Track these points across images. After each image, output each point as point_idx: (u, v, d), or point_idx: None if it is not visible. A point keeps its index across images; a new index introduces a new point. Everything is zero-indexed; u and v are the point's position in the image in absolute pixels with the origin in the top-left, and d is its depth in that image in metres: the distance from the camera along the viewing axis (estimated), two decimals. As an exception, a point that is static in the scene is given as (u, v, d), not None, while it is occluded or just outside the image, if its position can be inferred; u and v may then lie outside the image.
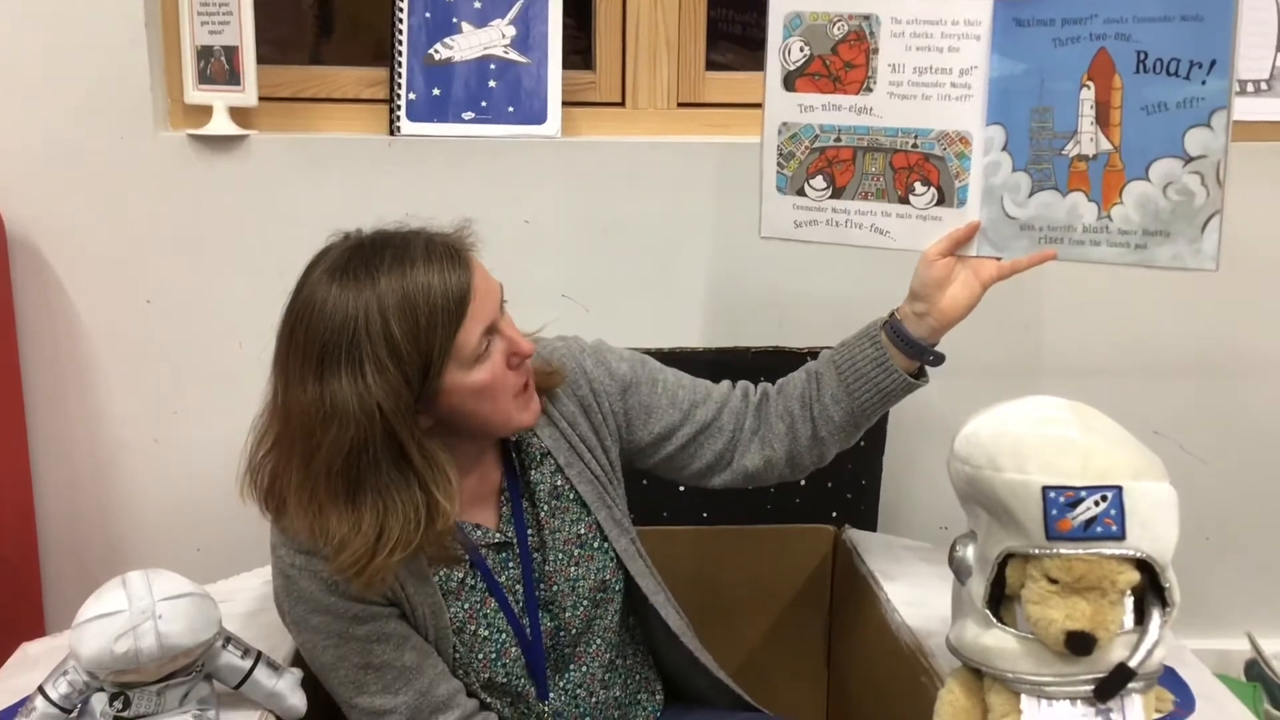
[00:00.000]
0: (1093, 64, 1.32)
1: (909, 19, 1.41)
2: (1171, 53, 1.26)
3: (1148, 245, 1.31)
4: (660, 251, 1.92)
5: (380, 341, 1.15)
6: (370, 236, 1.23)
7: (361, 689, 1.28)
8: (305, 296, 1.20)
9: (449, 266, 1.19)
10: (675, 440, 1.42)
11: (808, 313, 1.92)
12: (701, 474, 1.45)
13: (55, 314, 1.89)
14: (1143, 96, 1.29)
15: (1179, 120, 1.27)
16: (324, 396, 1.15)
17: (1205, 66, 1.25)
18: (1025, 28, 1.36)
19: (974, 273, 1.38)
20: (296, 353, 1.19)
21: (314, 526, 1.19)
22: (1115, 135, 1.32)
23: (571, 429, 1.38)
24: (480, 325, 1.20)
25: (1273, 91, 1.99)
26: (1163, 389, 2.04)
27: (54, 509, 1.97)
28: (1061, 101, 1.35)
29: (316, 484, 1.18)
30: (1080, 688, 1.11)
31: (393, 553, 1.18)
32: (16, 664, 1.43)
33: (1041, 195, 1.37)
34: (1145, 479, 1.10)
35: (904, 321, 1.37)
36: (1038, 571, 1.10)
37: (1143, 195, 1.31)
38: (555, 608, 1.36)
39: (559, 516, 1.37)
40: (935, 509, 1.98)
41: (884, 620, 1.53)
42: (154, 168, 1.84)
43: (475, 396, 1.22)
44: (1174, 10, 1.26)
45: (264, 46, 1.85)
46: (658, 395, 1.42)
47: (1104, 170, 1.33)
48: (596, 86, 1.97)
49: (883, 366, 1.38)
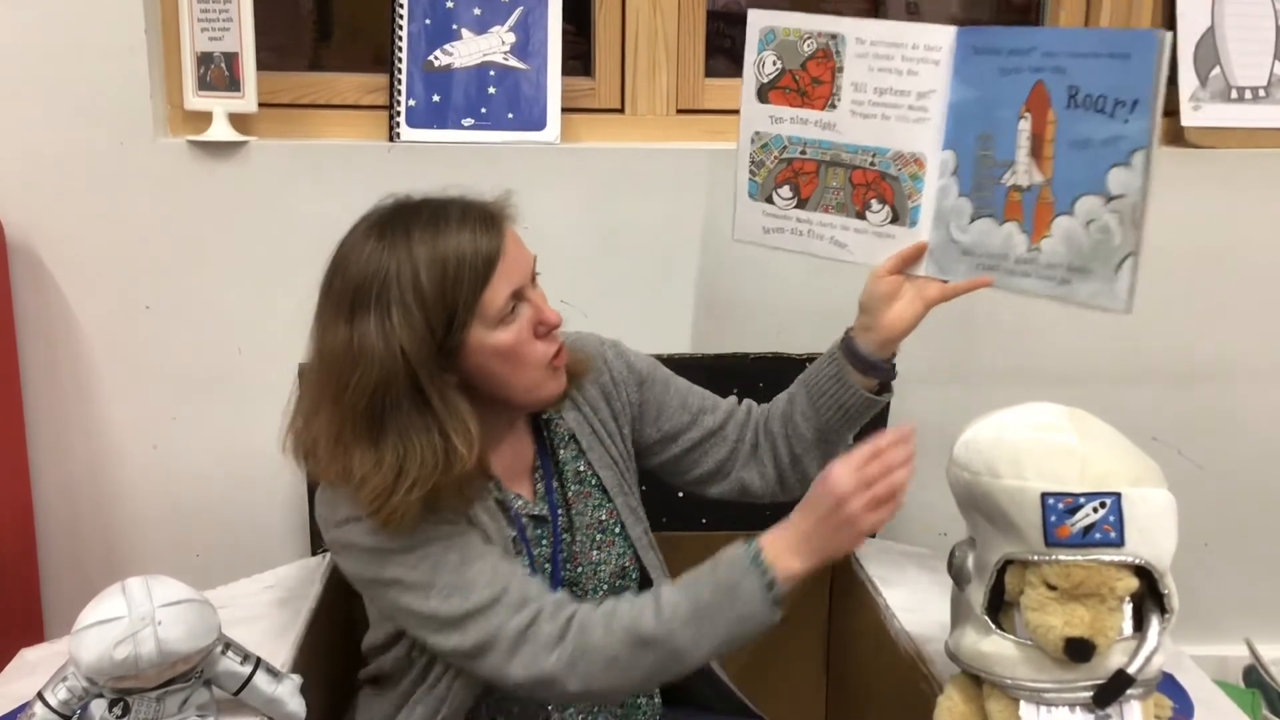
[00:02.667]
0: (1030, 96, 1.32)
1: (872, 40, 1.44)
2: (1100, 89, 1.25)
3: (1070, 281, 1.30)
4: (659, 257, 1.93)
5: (409, 288, 1.20)
6: (413, 199, 1.29)
7: (468, 590, 1.24)
8: (345, 249, 1.26)
9: (481, 229, 1.24)
10: (681, 443, 1.47)
11: (807, 319, 1.92)
12: (701, 481, 1.49)
13: (54, 320, 1.89)
14: (1073, 131, 1.28)
15: (1103, 158, 1.25)
16: (353, 337, 1.21)
17: (1129, 105, 1.22)
18: (979, 55, 1.37)
19: (919, 292, 1.40)
20: (331, 299, 1.25)
21: (342, 465, 1.23)
22: (1048, 168, 1.31)
23: (594, 414, 1.42)
24: (507, 287, 1.24)
25: (1271, 98, 1.99)
26: (1161, 396, 2.04)
27: (53, 515, 1.96)
28: (1002, 131, 1.35)
29: (344, 424, 1.22)
30: (1079, 694, 1.11)
31: (410, 491, 1.20)
32: (15, 670, 1.43)
33: (981, 222, 1.37)
34: (1144, 485, 1.10)
35: (855, 337, 1.41)
36: (1036, 578, 1.11)
37: (1068, 230, 1.29)
38: (579, 589, 1.39)
39: (583, 500, 1.41)
40: (934, 515, 1.97)
41: (883, 626, 1.53)
42: (154, 174, 1.84)
43: (499, 358, 1.25)
44: (1104, 48, 1.25)
45: (264, 53, 1.85)
46: (669, 396, 1.47)
47: (1036, 202, 1.32)
48: (596, 93, 1.98)
49: (841, 383, 1.41)
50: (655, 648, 1.21)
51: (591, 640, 1.22)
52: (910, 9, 3.20)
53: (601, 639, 1.22)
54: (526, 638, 1.22)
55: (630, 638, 1.21)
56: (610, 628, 1.22)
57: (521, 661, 1.22)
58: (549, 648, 1.22)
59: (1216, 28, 1.97)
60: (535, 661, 1.22)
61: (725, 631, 1.21)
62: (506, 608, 1.23)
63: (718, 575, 1.22)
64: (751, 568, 1.20)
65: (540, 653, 1.22)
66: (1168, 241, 1.98)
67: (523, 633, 1.22)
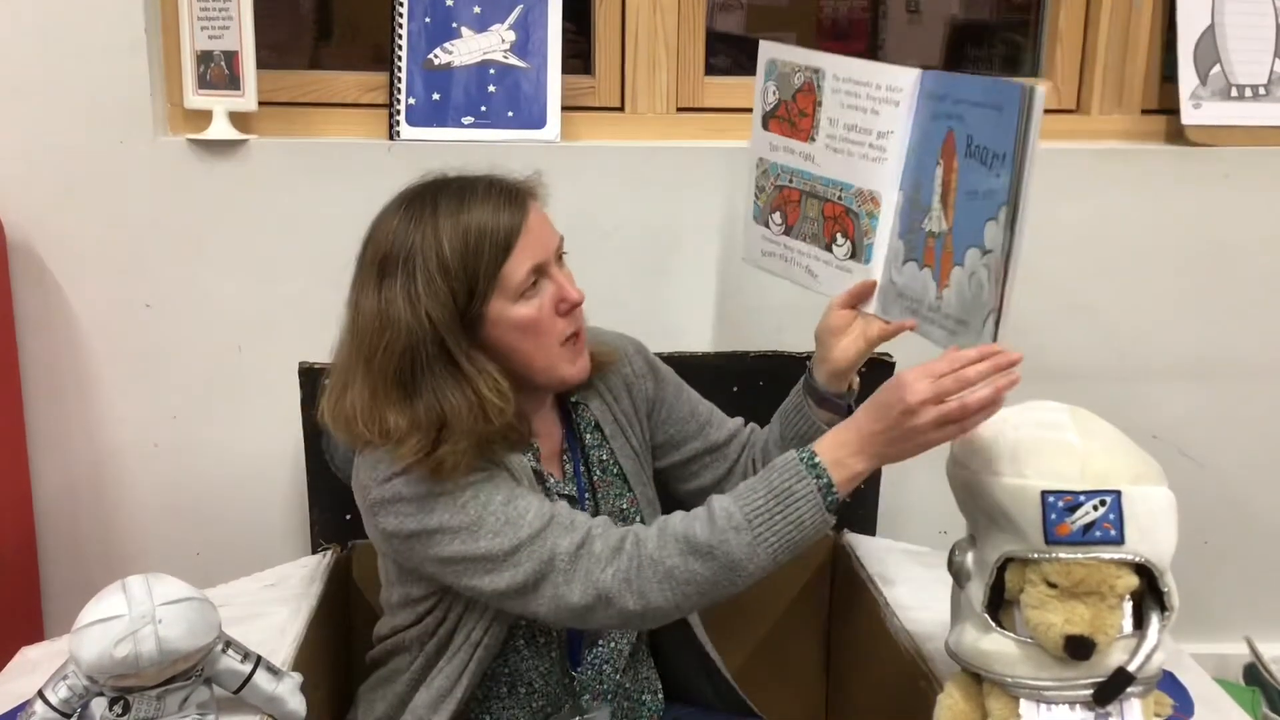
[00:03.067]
0: (944, 143, 1.32)
1: (845, 77, 1.45)
2: (983, 140, 1.23)
3: (957, 332, 1.28)
4: (660, 256, 1.93)
5: (433, 258, 1.23)
6: (443, 176, 1.33)
7: (518, 522, 1.24)
8: (377, 222, 1.30)
9: (504, 204, 1.27)
10: (683, 451, 1.50)
11: (807, 318, 1.90)
12: (697, 494, 1.49)
13: (55, 318, 1.89)
14: (967, 181, 1.27)
15: (982, 210, 1.23)
16: (381, 303, 1.25)
17: (1001, 158, 1.20)
18: (925, 100, 1.37)
19: (864, 329, 1.41)
20: (364, 269, 1.29)
21: (377, 427, 1.24)
22: (950, 216, 1.30)
23: (616, 403, 1.45)
24: (528, 261, 1.27)
25: (1271, 96, 1.99)
26: (1161, 393, 2.04)
27: (54, 513, 1.97)
28: (927, 176, 1.35)
29: (377, 387, 1.25)
30: (1079, 692, 1.11)
31: (457, 442, 1.23)
32: (16, 668, 1.43)
33: (909, 265, 1.38)
34: (1144, 484, 1.10)
35: (812, 369, 1.44)
36: (1037, 576, 1.11)
37: (958, 281, 1.28)
38: None
39: (606, 487, 1.42)
40: (934, 513, 1.97)
41: (883, 625, 1.53)
42: (154, 172, 1.84)
43: (520, 332, 1.27)
44: (986, 98, 1.24)
45: (264, 51, 1.85)
46: (681, 401, 1.50)
47: (942, 250, 1.31)
48: (596, 91, 1.98)
49: (802, 414, 1.44)
50: (710, 557, 1.19)
51: (646, 552, 1.21)
52: (910, 7, 3.20)
53: (656, 550, 1.21)
54: (581, 555, 1.22)
55: (685, 547, 1.20)
56: (664, 539, 1.21)
57: (579, 581, 1.22)
58: (605, 562, 1.22)
59: (1217, 26, 1.97)
60: (591, 578, 1.21)
61: (780, 538, 1.19)
62: (558, 529, 1.24)
63: (771, 481, 1.21)
64: (806, 471, 1.19)
65: (595, 568, 1.22)
66: (1168, 240, 1.99)
67: (577, 552, 1.22)
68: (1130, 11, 1.99)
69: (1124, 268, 2.01)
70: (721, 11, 3.01)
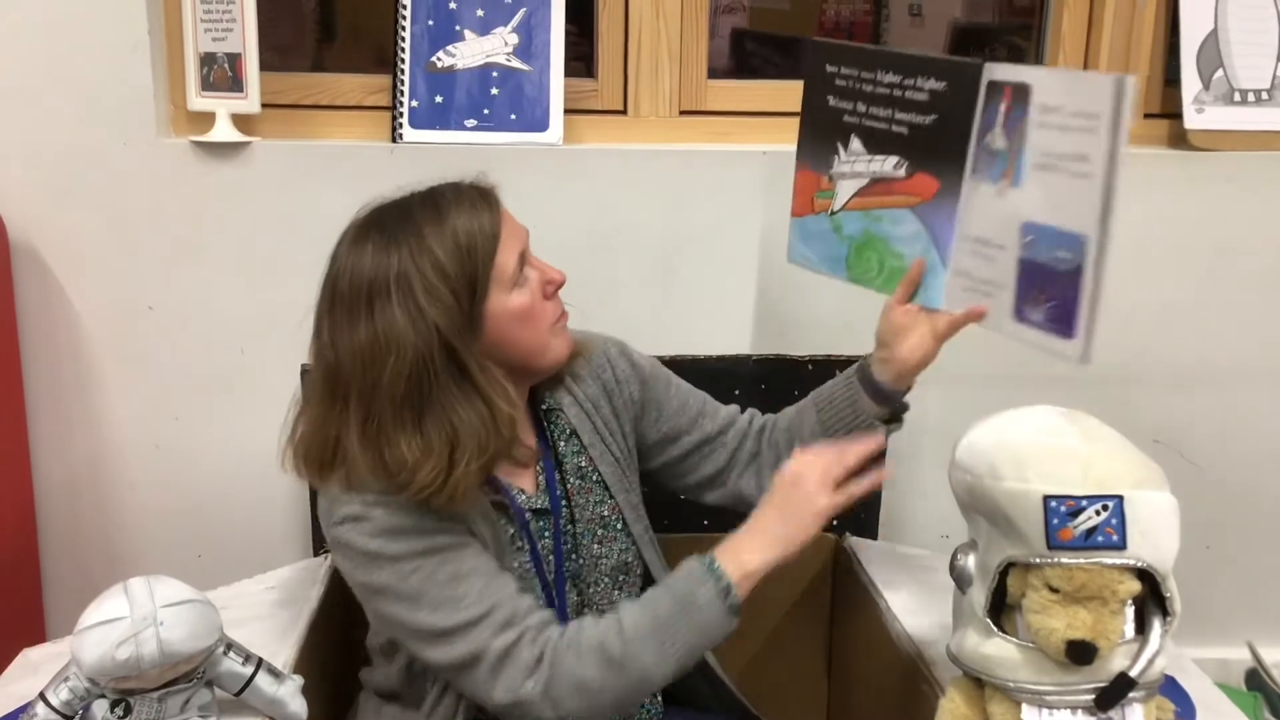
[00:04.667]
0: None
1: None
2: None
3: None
4: (661, 259, 1.93)
5: (428, 267, 1.22)
6: (395, 198, 1.30)
7: (457, 604, 1.24)
8: (343, 257, 1.27)
9: (479, 201, 1.28)
10: (679, 446, 1.48)
11: (810, 321, 1.92)
12: (698, 487, 1.50)
13: (57, 320, 1.89)
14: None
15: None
16: (378, 331, 1.21)
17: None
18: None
19: (931, 325, 1.38)
20: (342, 305, 1.24)
21: (382, 460, 1.23)
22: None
23: (595, 410, 1.43)
24: (515, 250, 1.28)
25: (1274, 101, 1.99)
26: (1163, 398, 2.04)
27: (55, 515, 1.97)
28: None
29: (382, 417, 1.23)
30: (1081, 697, 1.11)
31: (469, 462, 1.22)
32: (18, 670, 1.43)
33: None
34: (1146, 488, 1.10)
35: (871, 367, 1.41)
36: (1039, 580, 1.11)
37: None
38: (581, 583, 1.39)
39: (584, 495, 1.41)
40: (936, 517, 1.98)
41: (884, 629, 1.53)
42: (156, 174, 1.84)
43: (518, 322, 1.28)
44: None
45: (267, 53, 1.85)
46: (670, 397, 1.48)
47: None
48: (599, 94, 1.98)
49: (854, 407, 1.42)
50: (622, 669, 1.22)
51: (563, 665, 1.23)
52: (913, 10, 3.21)
53: (573, 664, 1.23)
54: (507, 660, 1.23)
55: (598, 659, 1.22)
56: (580, 652, 1.23)
57: (503, 684, 1.23)
58: (527, 673, 1.23)
59: (1220, 30, 1.97)
60: (513, 686, 1.23)
61: (686, 643, 1.23)
62: (492, 626, 1.24)
63: (674, 588, 1.25)
64: (706, 575, 1.23)
65: (518, 677, 1.23)
66: (1170, 244, 1.99)
67: (505, 654, 1.23)
68: (1133, 15, 1.99)
69: (1126, 272, 2.00)
70: (724, 14, 3.02)
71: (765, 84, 2.04)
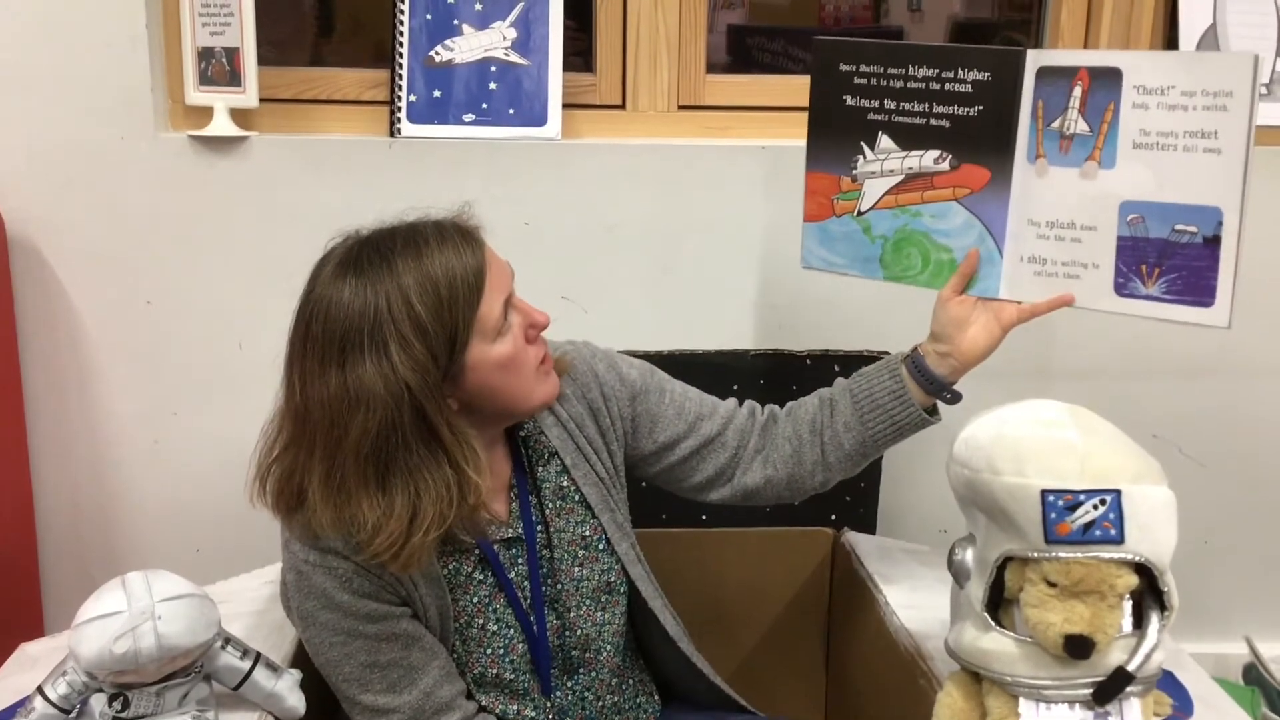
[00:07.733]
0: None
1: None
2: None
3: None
4: (660, 254, 1.93)
5: (404, 320, 1.16)
6: (376, 230, 1.25)
7: (365, 687, 1.28)
8: (318, 294, 1.20)
9: (462, 244, 1.21)
10: (678, 451, 1.44)
11: (806, 316, 1.92)
12: (701, 488, 1.47)
13: (55, 315, 1.89)
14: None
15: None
16: (348, 384, 1.16)
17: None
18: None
19: (997, 314, 1.39)
20: (314, 348, 1.19)
21: (343, 515, 1.20)
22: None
23: (579, 431, 1.40)
24: (499, 296, 1.22)
25: (1273, 96, 1.99)
26: (1162, 392, 2.04)
27: (53, 510, 1.97)
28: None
29: (345, 473, 1.19)
30: (1079, 691, 1.11)
31: (428, 531, 1.19)
32: (16, 664, 1.43)
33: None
34: (1144, 483, 1.10)
35: (926, 359, 1.39)
36: (1036, 575, 1.11)
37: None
38: (560, 606, 1.37)
39: (564, 516, 1.38)
40: (934, 512, 1.98)
41: (882, 623, 1.53)
42: (155, 169, 1.84)
43: (500, 371, 1.23)
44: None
45: (265, 48, 1.85)
46: (664, 405, 1.44)
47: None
48: (597, 89, 1.98)
49: (900, 399, 1.40)
50: None
51: None
52: (912, 5, 3.20)
53: None
54: None
55: None
56: None
57: None
58: None
59: (1219, 25, 1.96)
60: None
61: None
62: None
63: None
64: None
65: None
66: (1169, 239, 1.99)
67: None
68: (1131, 9, 1.98)
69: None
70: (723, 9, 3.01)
71: (764, 79, 2.05)
